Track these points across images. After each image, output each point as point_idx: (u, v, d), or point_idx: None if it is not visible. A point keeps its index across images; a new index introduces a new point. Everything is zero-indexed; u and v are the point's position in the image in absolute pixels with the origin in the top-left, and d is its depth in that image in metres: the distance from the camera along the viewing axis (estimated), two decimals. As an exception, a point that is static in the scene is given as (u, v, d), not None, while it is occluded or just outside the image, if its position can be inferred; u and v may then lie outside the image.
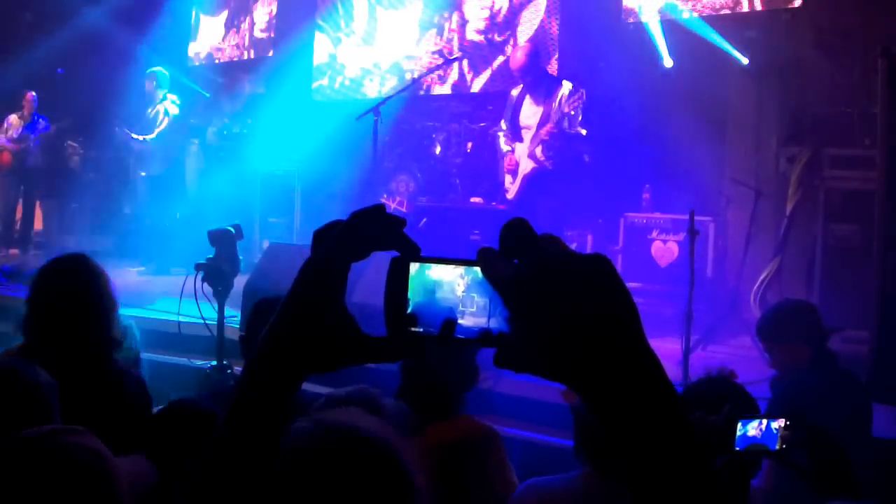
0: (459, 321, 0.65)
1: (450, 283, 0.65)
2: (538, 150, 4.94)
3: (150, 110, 7.64)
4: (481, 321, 0.64)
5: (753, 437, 1.67)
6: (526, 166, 5.00)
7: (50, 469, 1.26)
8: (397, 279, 0.67)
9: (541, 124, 4.95)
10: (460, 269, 0.65)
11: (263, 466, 0.70)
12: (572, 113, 4.89)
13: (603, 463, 1.84)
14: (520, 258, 0.59)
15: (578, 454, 1.92)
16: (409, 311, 0.66)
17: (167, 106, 7.58)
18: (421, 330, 0.66)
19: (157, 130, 7.53)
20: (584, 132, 4.94)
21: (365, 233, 0.68)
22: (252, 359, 0.71)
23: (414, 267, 0.67)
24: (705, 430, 1.60)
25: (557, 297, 0.56)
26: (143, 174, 7.63)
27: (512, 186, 5.15)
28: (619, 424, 0.55)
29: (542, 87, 5.07)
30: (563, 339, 0.56)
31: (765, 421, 1.68)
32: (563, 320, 0.56)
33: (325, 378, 3.60)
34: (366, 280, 3.72)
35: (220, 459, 0.71)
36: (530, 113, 5.05)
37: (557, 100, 4.95)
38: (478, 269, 0.62)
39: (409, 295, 0.67)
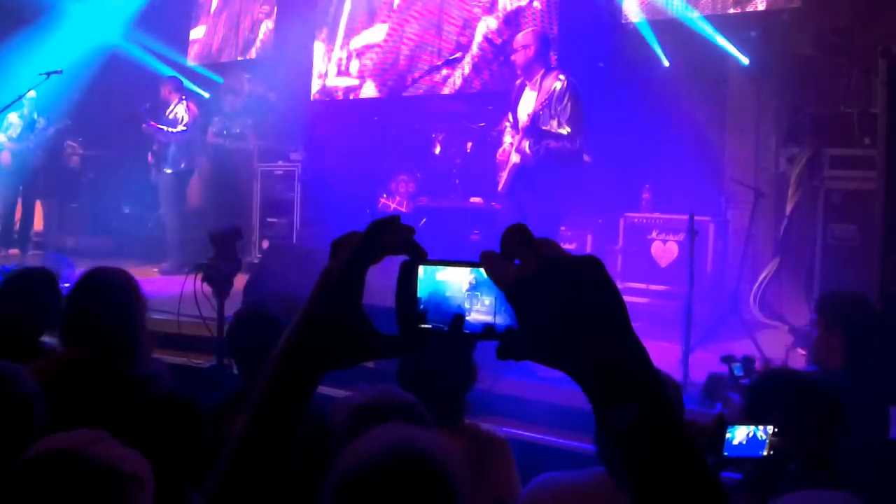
0: (467, 318, 0.70)
1: (457, 283, 0.71)
2: (525, 144, 4.89)
3: (168, 112, 7.67)
4: (487, 318, 0.70)
5: (740, 444, 1.68)
6: (514, 159, 4.96)
7: (78, 486, 1.24)
8: (407, 281, 0.72)
9: (531, 114, 4.89)
10: (466, 271, 0.71)
11: (282, 470, 0.75)
12: (559, 108, 4.80)
13: (614, 467, 1.84)
14: (519, 259, 0.65)
15: (599, 456, 1.92)
16: (419, 309, 0.72)
17: (188, 105, 7.66)
18: (430, 326, 0.72)
19: (180, 126, 7.57)
20: (565, 131, 4.82)
21: (381, 240, 0.75)
22: (274, 360, 0.76)
23: (422, 269, 0.72)
24: (695, 435, 1.60)
25: (555, 294, 0.63)
26: (169, 171, 7.64)
27: (502, 179, 5.11)
28: (610, 409, 0.62)
29: (538, 76, 4.99)
30: (561, 331, 0.63)
31: (752, 427, 1.69)
32: (561, 315, 0.63)
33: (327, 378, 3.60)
34: (370, 284, 3.71)
35: (240, 463, 0.74)
36: (527, 101, 4.99)
37: (549, 93, 4.86)
38: (481, 269, 0.68)
39: (419, 295, 0.72)
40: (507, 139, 5.09)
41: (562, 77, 4.82)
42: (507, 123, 5.17)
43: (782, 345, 4.54)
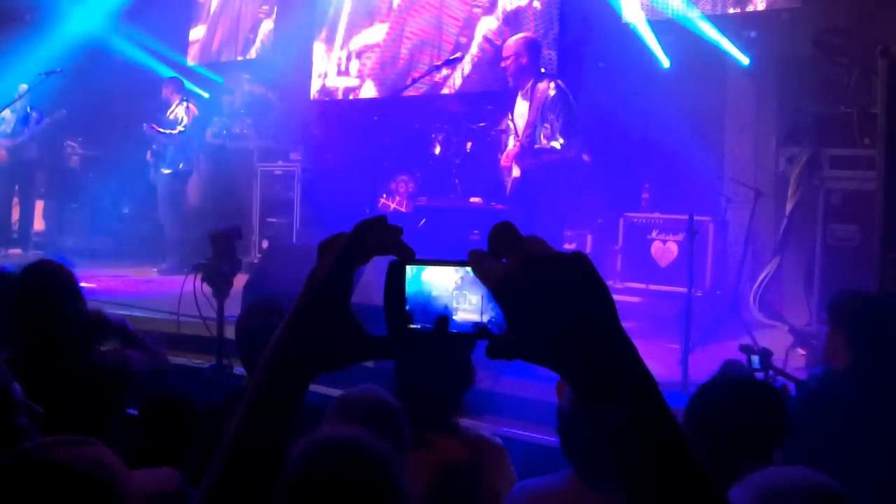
0: (453, 317, 0.69)
1: (443, 283, 0.70)
2: (524, 162, 4.89)
3: (168, 113, 7.70)
4: (474, 317, 0.69)
5: None
6: (515, 173, 4.96)
7: (56, 483, 1.23)
8: (395, 281, 0.72)
9: (525, 125, 4.88)
10: (454, 270, 0.70)
11: (275, 469, 0.75)
12: (552, 117, 4.74)
13: (583, 464, 1.83)
14: (507, 258, 0.65)
15: (564, 454, 1.91)
16: (406, 310, 0.71)
17: (188, 106, 7.70)
18: (418, 327, 0.71)
19: (179, 127, 7.60)
20: (558, 144, 4.77)
21: (368, 241, 0.74)
22: (264, 362, 0.76)
23: (410, 269, 0.72)
24: None
25: (541, 291, 0.62)
26: (167, 171, 7.67)
27: (508, 185, 5.12)
28: (598, 405, 0.62)
29: (528, 85, 4.95)
30: (548, 329, 0.62)
31: None
32: (548, 312, 0.62)
33: (328, 378, 3.61)
34: (362, 284, 3.72)
35: (233, 463, 0.75)
36: (521, 111, 4.98)
37: (541, 101, 4.81)
38: (469, 268, 0.67)
39: (407, 295, 0.71)
40: (512, 141, 5.08)
41: (553, 84, 4.78)
42: (510, 123, 5.16)
43: (782, 345, 4.54)
